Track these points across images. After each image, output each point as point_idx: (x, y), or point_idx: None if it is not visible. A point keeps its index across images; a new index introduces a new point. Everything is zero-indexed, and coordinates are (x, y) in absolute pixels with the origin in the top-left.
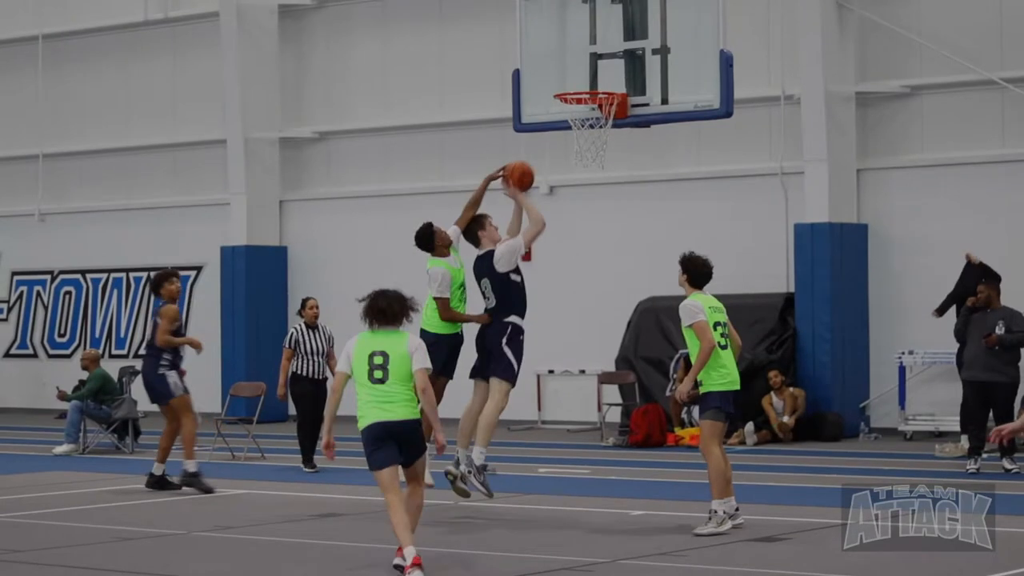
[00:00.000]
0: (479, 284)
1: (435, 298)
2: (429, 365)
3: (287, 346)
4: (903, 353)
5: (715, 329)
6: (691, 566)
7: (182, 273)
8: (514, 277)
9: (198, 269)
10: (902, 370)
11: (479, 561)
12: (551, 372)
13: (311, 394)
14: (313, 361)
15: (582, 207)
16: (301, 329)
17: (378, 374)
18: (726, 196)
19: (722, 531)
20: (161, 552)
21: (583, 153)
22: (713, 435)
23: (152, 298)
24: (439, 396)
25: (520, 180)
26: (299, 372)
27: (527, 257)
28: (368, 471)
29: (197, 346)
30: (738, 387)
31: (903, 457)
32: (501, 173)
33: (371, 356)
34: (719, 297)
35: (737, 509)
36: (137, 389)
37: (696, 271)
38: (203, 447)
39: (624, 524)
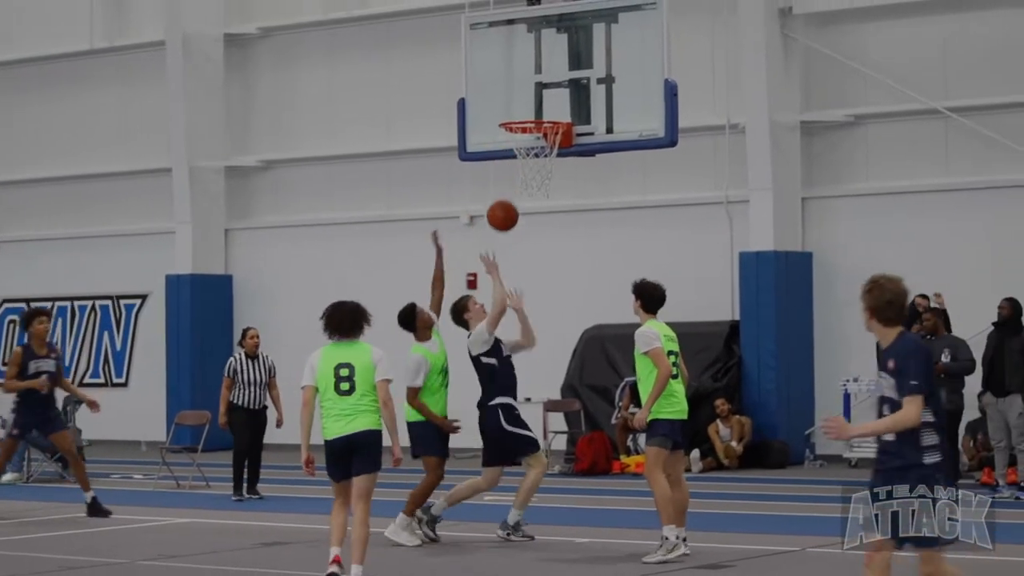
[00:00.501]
0: None
1: (409, 386)
2: (391, 376)
3: (226, 375)
4: (848, 380)
5: (668, 357)
6: None
7: (126, 302)
8: (486, 360)
9: (143, 297)
10: (847, 397)
11: None
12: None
13: (247, 423)
14: (251, 391)
15: (527, 236)
16: (240, 359)
17: (344, 386)
18: (671, 225)
19: (671, 558)
20: None
21: (528, 182)
22: (657, 463)
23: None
24: (440, 479)
25: (503, 224)
26: (236, 402)
27: (472, 285)
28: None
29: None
30: (686, 417)
31: (848, 484)
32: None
33: (337, 368)
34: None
35: (684, 539)
36: (81, 418)
37: (649, 296)
38: (148, 475)
39: (570, 552)
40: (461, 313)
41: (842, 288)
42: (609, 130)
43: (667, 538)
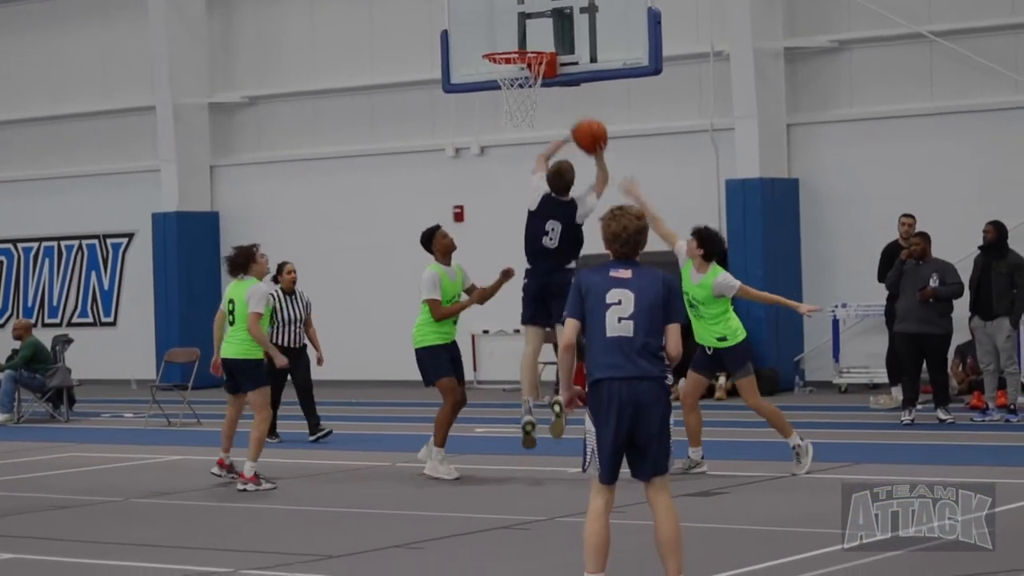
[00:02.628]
0: (544, 224)
1: (425, 300)
2: (260, 311)
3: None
4: (836, 306)
5: None
6: (629, 522)
7: (113, 240)
8: (582, 229)
9: (129, 236)
10: (835, 323)
11: (416, 520)
12: (486, 332)
13: (289, 363)
14: (291, 330)
15: (513, 167)
16: (278, 295)
17: (230, 318)
18: (657, 154)
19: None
20: (98, 520)
21: (513, 113)
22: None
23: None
24: (461, 399)
25: (592, 145)
26: (276, 342)
27: (459, 217)
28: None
29: None
30: None
31: (838, 410)
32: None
33: (228, 302)
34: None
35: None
36: (71, 358)
37: (715, 246)
38: (138, 414)
39: (561, 482)
40: (570, 182)
41: (829, 214)
42: (593, 59)
43: (799, 444)
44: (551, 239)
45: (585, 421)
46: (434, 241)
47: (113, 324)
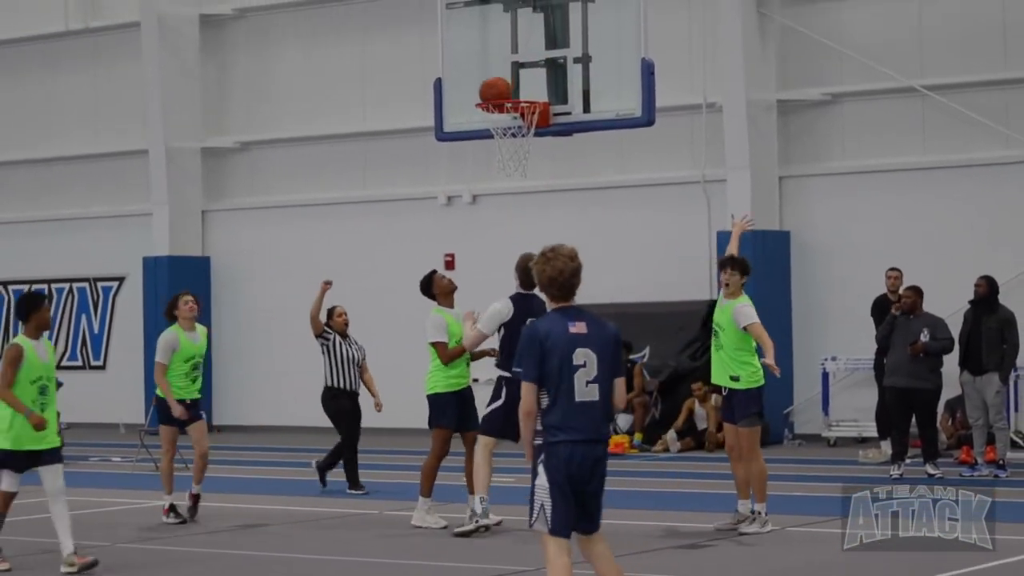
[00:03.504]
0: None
1: (431, 343)
2: (161, 360)
3: (327, 353)
4: (826, 359)
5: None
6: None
7: (104, 284)
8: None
9: (120, 280)
10: (825, 376)
11: (401, 570)
12: (475, 381)
13: (351, 410)
14: (350, 372)
15: (505, 215)
16: (334, 339)
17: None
18: (649, 204)
19: (765, 532)
20: None
21: (505, 162)
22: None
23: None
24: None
25: None
26: (336, 385)
27: (450, 266)
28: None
29: None
30: None
31: (827, 463)
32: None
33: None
34: (642, 304)
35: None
36: (60, 401)
37: (748, 270)
38: (126, 457)
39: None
40: (429, 285)
41: (820, 266)
42: (586, 109)
43: (760, 513)
44: None
45: (538, 477)
46: (433, 285)
47: (103, 367)
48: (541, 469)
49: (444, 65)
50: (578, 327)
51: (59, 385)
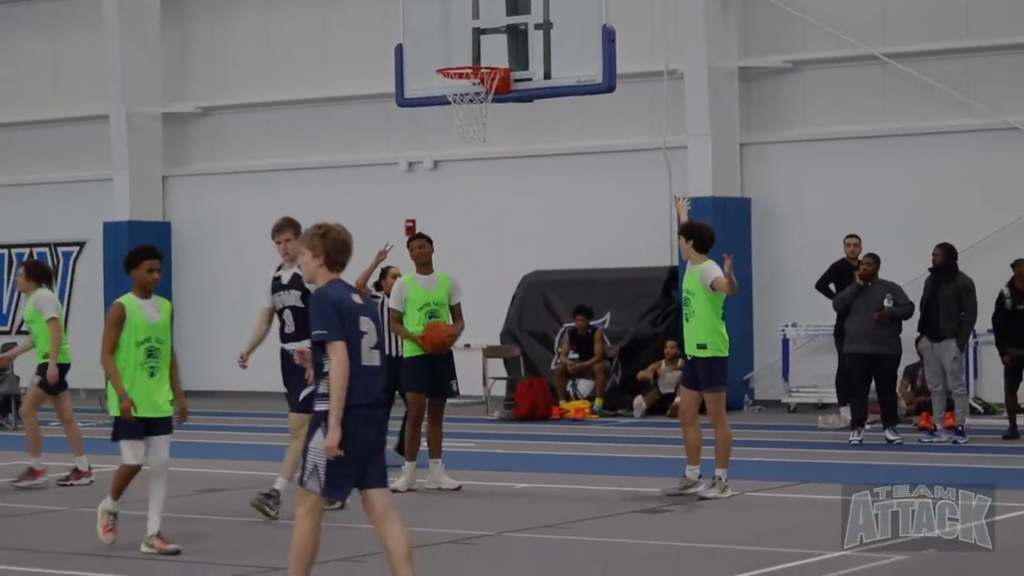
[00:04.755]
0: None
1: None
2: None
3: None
4: (786, 326)
5: None
6: (576, 538)
7: (64, 249)
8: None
9: (81, 245)
10: (785, 343)
11: (363, 534)
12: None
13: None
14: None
15: (466, 181)
16: (384, 302)
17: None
18: (610, 171)
19: (725, 496)
20: (42, 529)
21: (464, 128)
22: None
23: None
24: (433, 415)
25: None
26: (391, 353)
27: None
28: None
29: None
30: None
31: (786, 428)
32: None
33: None
34: (602, 271)
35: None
36: (19, 365)
37: (700, 236)
38: (85, 423)
39: (509, 497)
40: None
41: (780, 233)
42: (547, 76)
43: (721, 478)
44: None
45: (313, 438)
46: (410, 250)
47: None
48: (318, 432)
49: (405, 31)
50: (356, 297)
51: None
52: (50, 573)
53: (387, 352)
